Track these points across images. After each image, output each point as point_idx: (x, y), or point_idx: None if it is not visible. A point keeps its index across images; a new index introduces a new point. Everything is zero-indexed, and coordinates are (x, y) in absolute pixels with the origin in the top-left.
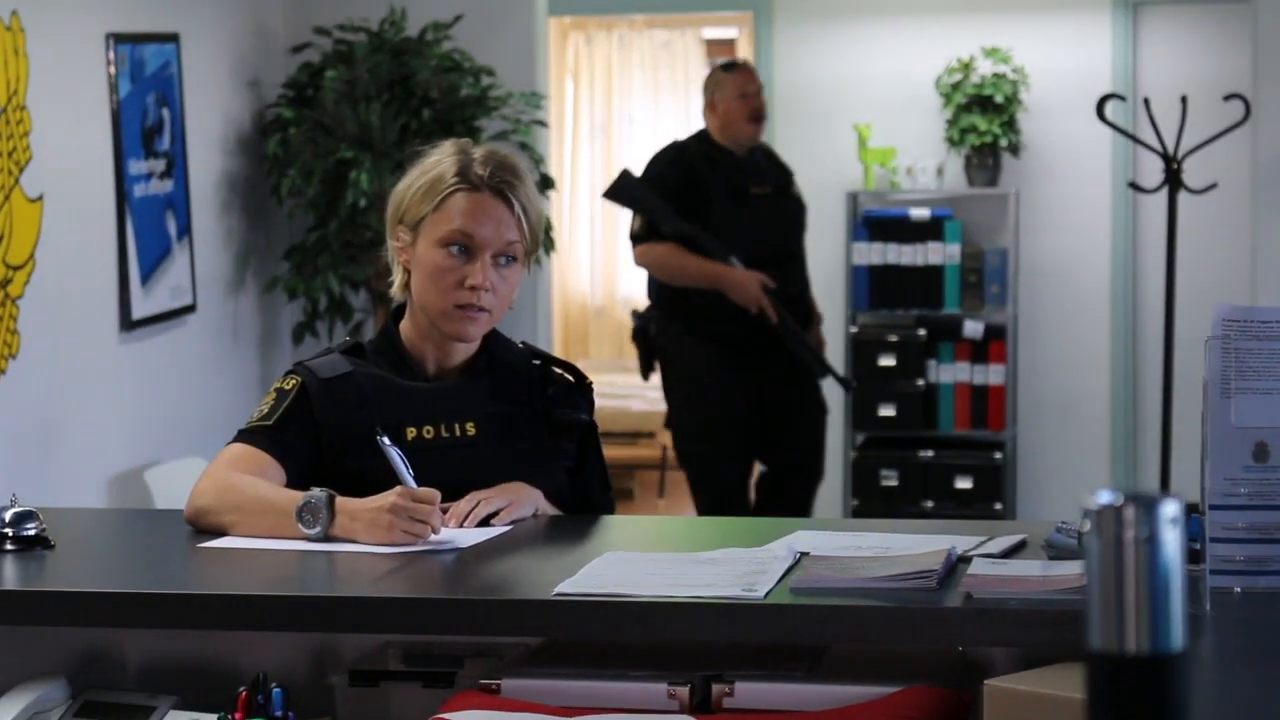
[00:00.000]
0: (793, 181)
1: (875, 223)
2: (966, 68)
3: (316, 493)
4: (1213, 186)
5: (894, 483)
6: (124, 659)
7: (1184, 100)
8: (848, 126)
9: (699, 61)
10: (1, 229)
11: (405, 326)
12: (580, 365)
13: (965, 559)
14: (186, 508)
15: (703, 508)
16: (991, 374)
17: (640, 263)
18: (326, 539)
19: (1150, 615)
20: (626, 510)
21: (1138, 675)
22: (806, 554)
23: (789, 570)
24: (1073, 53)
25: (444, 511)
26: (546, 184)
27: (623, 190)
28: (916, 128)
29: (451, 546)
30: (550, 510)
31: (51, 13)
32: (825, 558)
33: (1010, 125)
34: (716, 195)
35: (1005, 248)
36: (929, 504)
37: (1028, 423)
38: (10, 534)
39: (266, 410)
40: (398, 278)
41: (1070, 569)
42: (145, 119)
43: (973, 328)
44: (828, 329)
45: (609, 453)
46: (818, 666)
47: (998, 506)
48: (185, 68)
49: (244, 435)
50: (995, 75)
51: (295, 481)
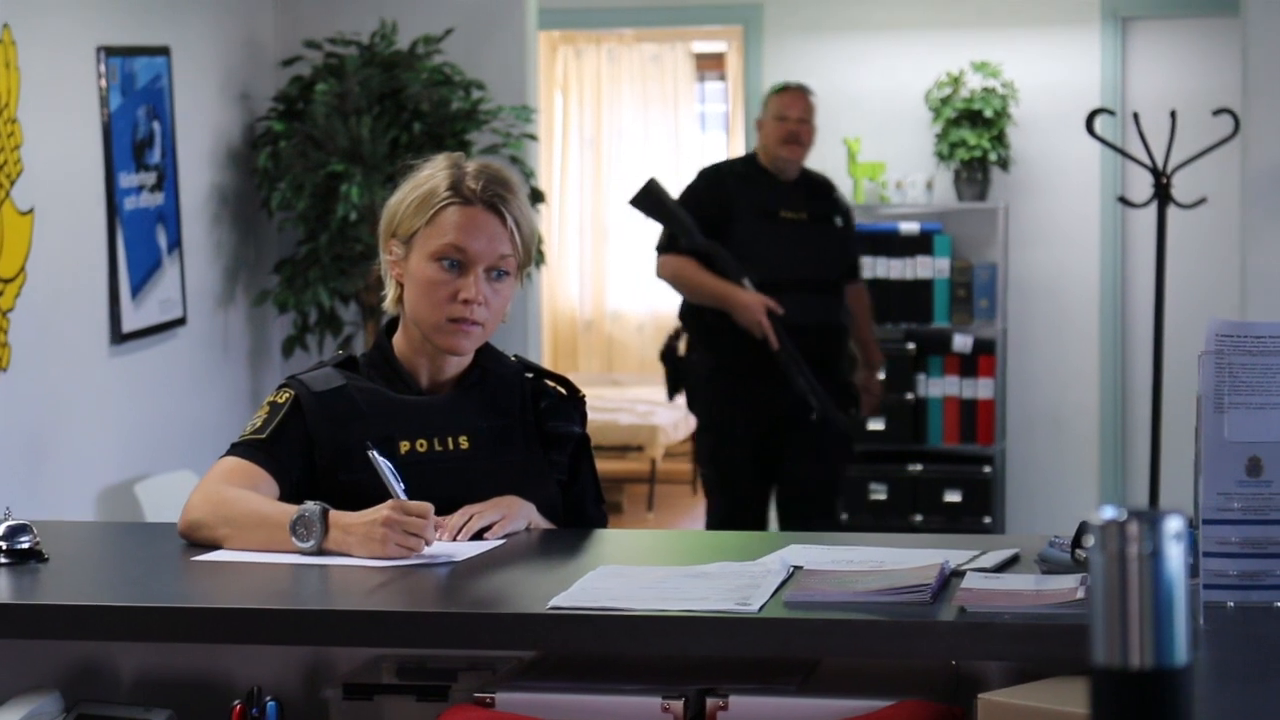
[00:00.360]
0: (837, 214)
1: (864, 237)
2: (956, 82)
3: (310, 506)
4: (1202, 201)
5: (883, 496)
6: (118, 672)
7: (1173, 115)
8: (837, 140)
9: (688, 75)
10: None
11: (398, 340)
12: (569, 378)
13: (958, 573)
14: (180, 521)
15: (710, 529)
16: (980, 388)
17: (659, 274)
18: (320, 552)
19: (1154, 630)
20: (615, 524)
21: (1142, 690)
22: (800, 568)
23: (782, 584)
24: (1062, 67)
25: (437, 525)
26: (537, 197)
27: (645, 199)
28: (906, 142)
29: (445, 560)
30: (543, 523)
31: (43, 26)
32: (818, 571)
33: (999, 140)
34: (741, 214)
35: (994, 262)
36: (918, 518)
37: (1017, 437)
38: (4, 547)
39: (260, 424)
40: (390, 291)
41: (1064, 583)
42: (136, 132)
43: (962, 342)
44: None
45: (598, 466)
46: (811, 680)
47: (987, 520)
48: (176, 81)
49: (237, 449)
50: (985, 90)
51: (289, 495)
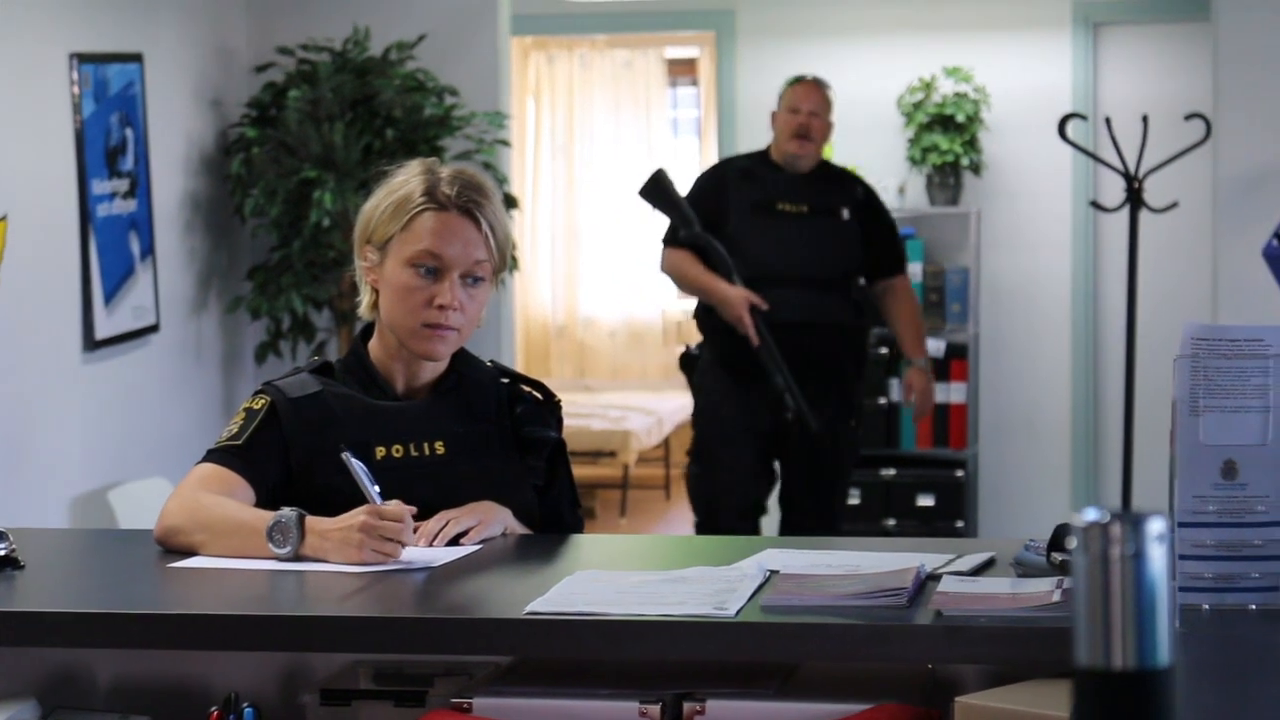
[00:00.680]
0: (847, 206)
1: None
2: (928, 87)
3: (287, 512)
4: (1174, 205)
5: (856, 501)
6: (95, 679)
7: (1145, 119)
8: None
9: (660, 81)
10: None
11: (374, 346)
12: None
13: (935, 576)
14: (156, 527)
15: (696, 527)
16: (953, 392)
17: (661, 267)
18: (297, 558)
19: (1137, 631)
20: (588, 529)
21: (1124, 691)
22: (776, 572)
23: (759, 588)
24: (1034, 72)
25: (414, 531)
26: (510, 203)
27: (652, 190)
28: (878, 147)
29: (422, 566)
30: (519, 529)
31: (15, 33)
32: (795, 576)
33: (972, 144)
34: (737, 208)
35: (967, 266)
36: (891, 522)
37: (989, 441)
38: None
39: (236, 430)
40: (365, 297)
41: (1040, 586)
42: (109, 139)
43: (934, 346)
44: None
45: None
46: (789, 684)
47: (959, 524)
48: (149, 87)
49: (213, 455)
50: (957, 95)
51: (265, 501)
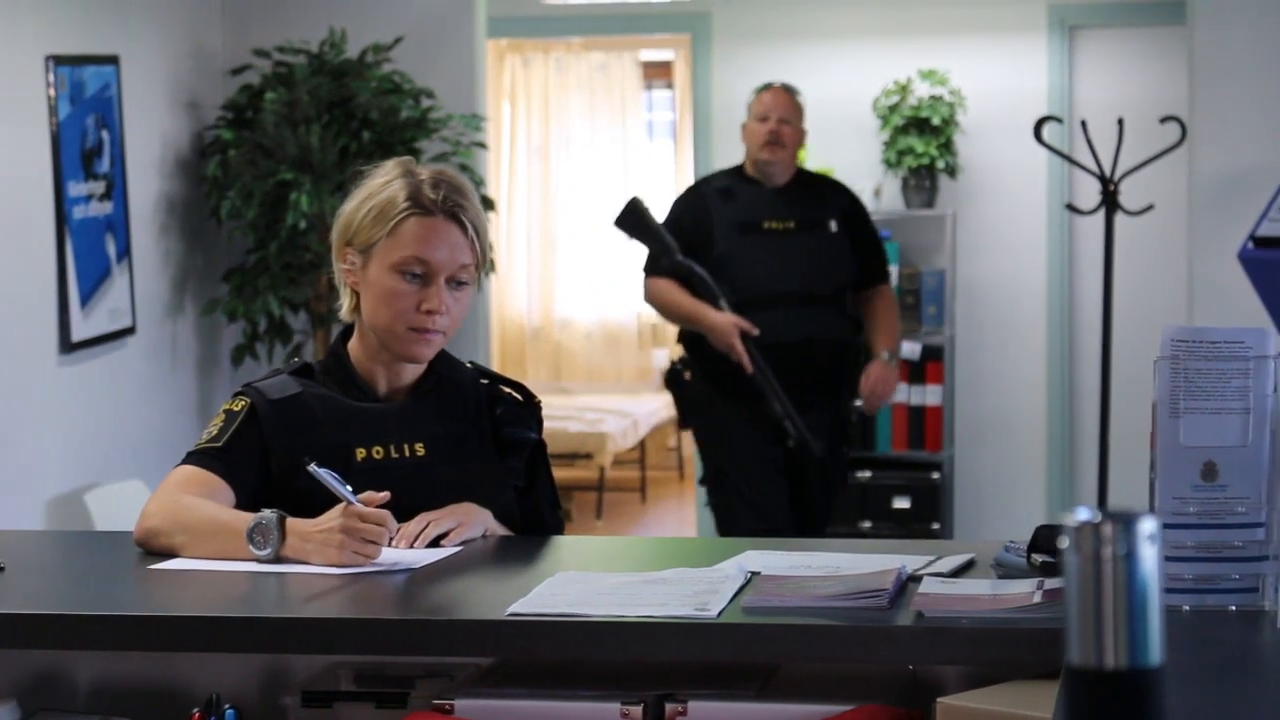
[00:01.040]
0: (833, 217)
1: None
2: (903, 90)
3: (267, 514)
4: (1149, 208)
5: None
6: (76, 681)
7: (1120, 122)
8: None
9: (635, 84)
10: None
11: (354, 347)
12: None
13: (915, 578)
14: (136, 529)
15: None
16: (929, 394)
17: (645, 298)
18: (278, 560)
19: (1129, 631)
20: (565, 531)
21: (1116, 690)
22: (758, 573)
23: (740, 589)
24: (1009, 75)
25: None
26: (487, 205)
27: (627, 219)
28: (854, 149)
29: (402, 567)
30: (500, 530)
31: None
32: (776, 577)
33: (947, 147)
34: (722, 230)
35: (942, 269)
36: (867, 524)
37: (965, 443)
38: None
39: (215, 432)
40: (346, 300)
41: (1020, 587)
42: (85, 141)
43: (910, 348)
44: None
45: None
46: (770, 685)
47: (935, 526)
48: (125, 90)
49: (193, 457)
50: (932, 98)
51: (245, 503)
